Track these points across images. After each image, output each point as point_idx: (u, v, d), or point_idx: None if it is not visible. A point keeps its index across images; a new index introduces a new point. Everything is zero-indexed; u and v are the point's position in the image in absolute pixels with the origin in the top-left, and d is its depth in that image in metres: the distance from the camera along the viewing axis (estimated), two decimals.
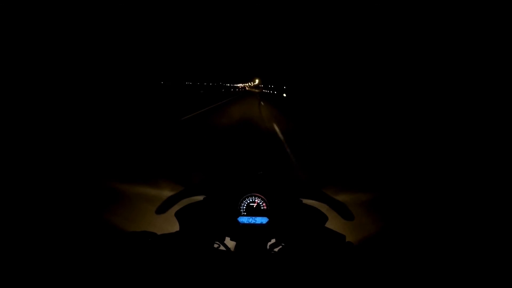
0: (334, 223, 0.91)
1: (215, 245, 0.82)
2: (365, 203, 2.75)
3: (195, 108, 11.56)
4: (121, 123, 7.66)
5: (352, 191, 3.01)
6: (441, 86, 13.55)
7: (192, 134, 6.39)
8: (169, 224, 0.96)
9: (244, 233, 0.84)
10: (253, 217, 0.86)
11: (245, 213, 0.87)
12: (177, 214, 0.85)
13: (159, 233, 0.77)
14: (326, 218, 0.88)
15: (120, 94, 15.86)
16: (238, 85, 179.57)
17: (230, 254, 0.80)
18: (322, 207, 0.90)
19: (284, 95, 40.99)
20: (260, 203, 0.87)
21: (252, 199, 0.88)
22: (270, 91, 77.43)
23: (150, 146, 5.14)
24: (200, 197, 0.90)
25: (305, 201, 0.91)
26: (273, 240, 0.84)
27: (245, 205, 0.87)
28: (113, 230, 1.99)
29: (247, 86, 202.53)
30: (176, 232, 0.82)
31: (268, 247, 0.83)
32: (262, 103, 19.75)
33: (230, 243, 0.84)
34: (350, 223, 0.89)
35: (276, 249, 0.82)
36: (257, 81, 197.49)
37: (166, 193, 2.52)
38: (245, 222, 0.86)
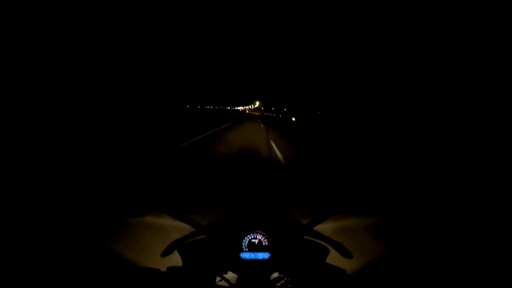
0: (336, 256, 0.91)
1: (217, 279, 0.83)
2: (369, 228, 2.72)
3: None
4: (123, 147, 7.69)
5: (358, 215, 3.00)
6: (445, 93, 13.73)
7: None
8: (172, 256, 0.97)
9: (247, 268, 0.86)
10: (255, 253, 0.88)
11: (247, 249, 0.89)
12: (180, 250, 0.87)
13: (161, 263, 0.78)
14: (327, 252, 0.90)
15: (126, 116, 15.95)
16: (238, 108, 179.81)
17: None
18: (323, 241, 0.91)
19: (293, 118, 34.64)
20: (262, 239, 0.90)
21: (254, 236, 0.90)
22: (272, 114, 73.72)
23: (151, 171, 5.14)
24: (203, 235, 0.92)
25: (307, 237, 0.93)
26: (275, 274, 0.85)
27: (247, 241, 0.89)
28: (116, 260, 1.96)
29: (247, 109, 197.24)
30: (179, 267, 0.84)
31: (271, 280, 0.83)
32: (266, 129, 15.85)
33: (232, 278, 0.85)
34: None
35: (278, 284, 0.83)
36: (257, 103, 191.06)
37: (167, 221, 2.51)
38: (247, 257, 0.87)
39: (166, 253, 0.86)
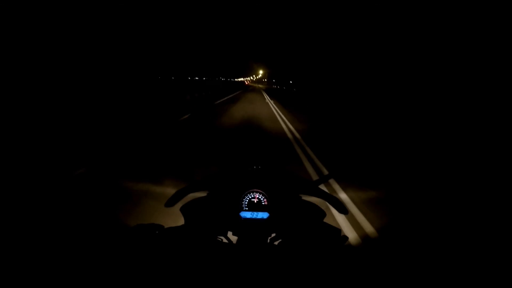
0: (332, 218, 0.94)
1: (219, 239, 0.85)
2: (368, 200, 2.80)
3: None
4: (125, 121, 7.64)
5: (359, 187, 3.07)
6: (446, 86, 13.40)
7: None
8: (175, 219, 1.00)
9: (246, 228, 0.88)
10: (255, 212, 0.89)
11: (246, 208, 0.90)
12: (182, 209, 0.89)
13: (166, 226, 0.81)
14: (324, 214, 0.91)
15: (121, 91, 15.38)
16: (239, 79, 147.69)
17: (232, 247, 0.83)
18: (321, 203, 0.93)
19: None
20: (261, 199, 0.90)
21: (254, 195, 0.91)
22: (279, 87, 62.31)
23: (154, 144, 5.15)
24: (204, 193, 0.93)
25: (304, 197, 0.94)
26: (273, 235, 0.88)
27: (247, 200, 0.90)
28: (120, 225, 2.05)
29: (248, 80, 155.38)
30: (182, 226, 0.86)
31: (268, 241, 0.87)
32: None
33: (232, 237, 0.88)
34: (347, 220, 0.92)
35: (276, 243, 0.86)
36: (260, 72, 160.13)
37: (170, 190, 2.57)
38: (247, 217, 0.89)
39: (170, 203, 0.88)
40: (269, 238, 0.87)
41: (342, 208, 0.90)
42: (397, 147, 6.21)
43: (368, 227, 2.24)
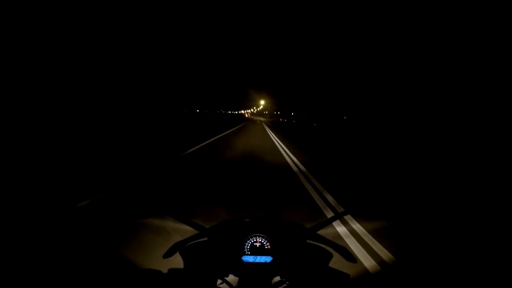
0: (340, 261, 0.91)
1: (219, 282, 0.82)
2: (374, 232, 2.73)
3: None
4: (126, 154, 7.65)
5: (366, 218, 3.00)
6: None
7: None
8: (174, 258, 0.97)
9: (248, 272, 0.85)
10: (257, 256, 0.87)
11: (249, 252, 0.88)
12: (182, 252, 0.87)
13: (163, 266, 0.79)
14: (330, 256, 0.89)
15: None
16: (241, 111, 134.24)
17: None
18: (326, 246, 0.91)
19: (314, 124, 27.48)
20: (264, 243, 0.89)
21: (256, 239, 0.90)
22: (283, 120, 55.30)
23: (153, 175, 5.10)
24: (205, 238, 0.92)
25: (310, 241, 0.93)
26: (277, 278, 0.85)
27: (249, 244, 0.89)
28: (119, 262, 1.99)
29: (248, 113, 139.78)
30: (181, 269, 0.84)
31: (272, 284, 0.84)
32: None
33: (233, 281, 0.85)
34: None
35: (281, 287, 0.83)
36: (262, 102, 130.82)
37: (169, 223, 2.51)
38: (249, 261, 0.87)
39: (168, 254, 0.86)
40: (273, 282, 0.84)
41: (349, 256, 0.88)
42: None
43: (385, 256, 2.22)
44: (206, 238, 0.91)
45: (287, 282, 0.83)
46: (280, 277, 0.84)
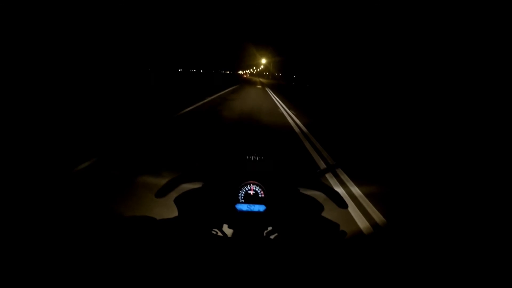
0: (330, 213, 0.92)
1: (213, 232, 0.83)
2: (370, 195, 2.80)
3: None
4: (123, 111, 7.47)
5: (362, 182, 3.07)
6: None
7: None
8: (168, 211, 0.97)
9: (242, 220, 0.86)
10: (251, 205, 0.87)
11: (243, 201, 0.88)
12: (176, 200, 0.87)
13: (158, 218, 0.78)
14: (322, 208, 0.89)
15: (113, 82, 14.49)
16: (240, 72, 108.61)
17: (227, 240, 0.82)
18: (319, 196, 0.91)
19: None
20: (258, 191, 0.88)
21: (250, 187, 0.88)
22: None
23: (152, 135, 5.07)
24: (199, 184, 0.91)
25: (303, 190, 0.92)
26: (269, 228, 0.85)
27: (243, 192, 0.88)
28: (114, 216, 2.04)
29: (246, 73, 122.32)
30: (175, 217, 0.83)
31: (265, 234, 0.85)
32: None
33: (227, 230, 0.85)
34: (345, 215, 0.90)
35: (272, 237, 0.84)
36: (263, 61, 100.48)
37: (165, 181, 2.53)
38: (243, 209, 0.87)
39: (161, 193, 0.85)
40: (266, 231, 0.85)
41: (341, 202, 0.88)
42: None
43: (375, 219, 2.29)
44: (200, 185, 0.89)
45: (279, 232, 0.84)
46: (273, 227, 0.85)
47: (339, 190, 2.81)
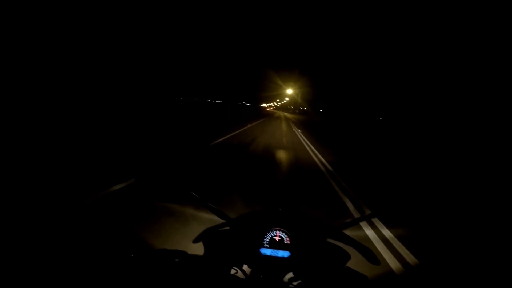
0: (357, 262, 0.88)
1: (233, 271, 0.84)
2: (401, 238, 2.64)
3: None
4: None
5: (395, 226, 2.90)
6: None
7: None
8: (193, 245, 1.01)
9: (264, 264, 0.86)
10: (275, 250, 0.88)
11: (268, 246, 0.89)
12: (204, 239, 0.90)
13: (189, 253, 0.85)
14: (348, 257, 0.87)
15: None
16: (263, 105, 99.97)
17: (247, 281, 0.82)
18: (348, 248, 0.89)
19: None
20: (284, 238, 0.89)
21: (276, 233, 0.90)
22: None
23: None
24: (227, 226, 0.94)
25: (331, 240, 0.92)
26: (290, 274, 0.84)
27: (269, 238, 0.89)
28: (141, 244, 2.11)
29: (270, 106, 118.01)
30: (201, 256, 0.87)
31: (286, 280, 0.83)
32: None
33: (247, 271, 0.86)
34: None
35: (295, 283, 0.82)
36: (289, 92, 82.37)
37: (188, 210, 2.58)
38: (267, 253, 0.87)
39: (197, 240, 0.90)
40: (288, 278, 0.84)
41: (373, 258, 0.85)
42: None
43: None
44: (228, 227, 0.93)
45: (301, 279, 0.82)
46: (294, 274, 0.84)
47: (369, 232, 2.70)
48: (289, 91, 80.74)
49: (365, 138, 16.09)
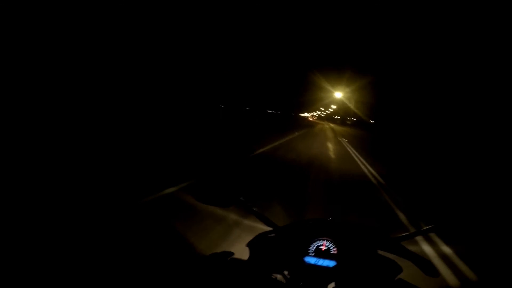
0: (411, 276, 0.82)
1: (273, 277, 0.84)
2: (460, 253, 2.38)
3: None
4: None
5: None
6: None
7: None
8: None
9: (307, 272, 0.84)
10: (320, 259, 0.85)
11: (313, 254, 0.87)
12: (249, 244, 0.92)
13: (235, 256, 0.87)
14: (400, 270, 0.82)
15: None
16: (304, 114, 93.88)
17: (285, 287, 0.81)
18: (399, 259, 0.84)
19: None
20: (331, 247, 0.87)
21: (323, 242, 0.88)
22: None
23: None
24: (274, 233, 0.95)
25: (382, 252, 0.87)
26: (333, 284, 0.81)
27: (315, 247, 0.88)
28: (186, 247, 2.23)
29: (312, 117, 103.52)
30: (246, 260, 0.89)
31: None
32: None
33: (288, 277, 0.85)
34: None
35: None
36: (337, 96, 58.33)
37: (232, 215, 2.66)
38: (311, 262, 0.85)
39: (251, 243, 0.93)
40: (331, 286, 0.81)
41: (430, 269, 0.78)
42: None
43: None
44: (275, 234, 0.94)
45: None
46: (337, 284, 0.81)
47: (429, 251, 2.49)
48: (338, 94, 57.55)
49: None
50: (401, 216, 3.72)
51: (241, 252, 0.94)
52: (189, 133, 10.66)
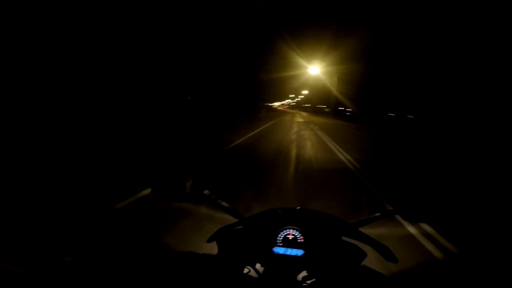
0: (375, 261, 0.85)
1: (246, 270, 0.83)
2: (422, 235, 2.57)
3: None
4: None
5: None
6: None
7: None
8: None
9: (277, 262, 0.85)
10: (289, 249, 0.87)
11: (281, 244, 0.88)
12: (217, 238, 0.91)
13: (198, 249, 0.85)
14: (364, 255, 0.85)
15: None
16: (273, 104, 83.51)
17: (259, 280, 0.81)
18: (362, 244, 0.88)
19: None
20: (297, 236, 0.88)
21: (289, 231, 0.89)
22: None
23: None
24: (241, 225, 0.95)
25: (346, 239, 0.90)
26: (304, 273, 0.83)
27: (282, 236, 0.89)
28: (156, 245, 2.16)
29: (283, 105, 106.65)
30: (215, 255, 0.88)
31: (300, 279, 0.82)
32: None
33: (260, 270, 0.85)
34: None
35: (308, 282, 0.81)
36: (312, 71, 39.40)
37: (202, 209, 2.59)
38: (280, 252, 0.86)
39: (211, 239, 0.91)
40: (301, 276, 0.83)
41: (389, 255, 0.82)
42: None
43: None
44: (241, 226, 0.93)
45: (314, 278, 0.81)
46: (308, 272, 0.82)
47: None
48: (314, 69, 42.90)
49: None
50: None
51: (211, 248, 0.92)
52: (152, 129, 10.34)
